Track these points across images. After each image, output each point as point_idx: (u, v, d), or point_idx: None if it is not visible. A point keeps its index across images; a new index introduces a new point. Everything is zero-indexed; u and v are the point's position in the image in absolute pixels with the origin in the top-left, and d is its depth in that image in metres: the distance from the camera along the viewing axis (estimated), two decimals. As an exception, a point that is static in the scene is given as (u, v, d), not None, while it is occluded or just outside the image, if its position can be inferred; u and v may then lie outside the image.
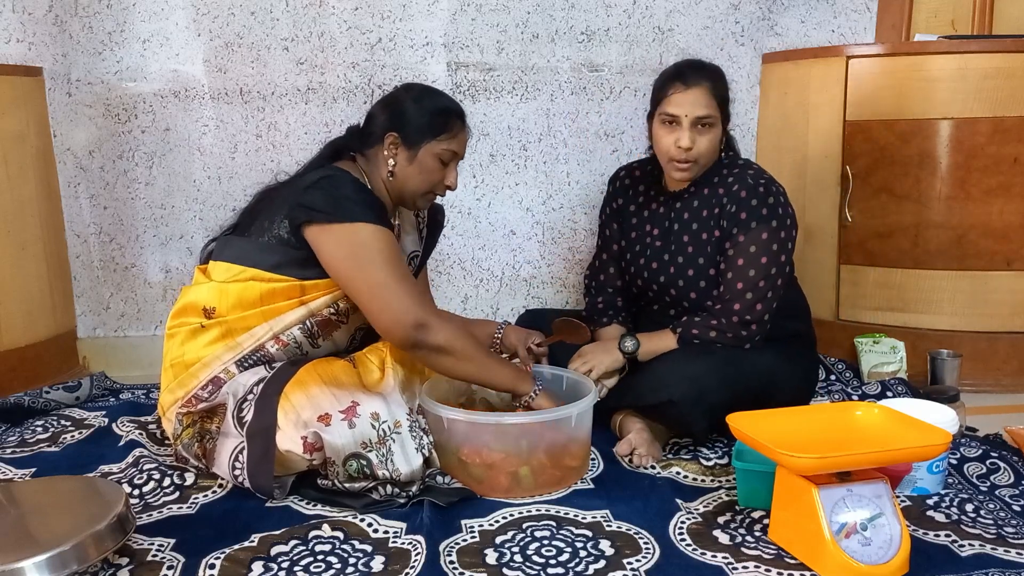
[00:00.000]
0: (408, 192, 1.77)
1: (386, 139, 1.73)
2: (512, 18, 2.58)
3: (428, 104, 1.75)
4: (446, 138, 1.74)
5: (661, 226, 1.98)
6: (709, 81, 1.83)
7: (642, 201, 2.04)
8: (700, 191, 1.92)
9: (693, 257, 1.91)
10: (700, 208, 1.91)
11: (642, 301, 2.07)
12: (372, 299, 1.62)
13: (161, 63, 2.51)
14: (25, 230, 2.37)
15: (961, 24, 2.63)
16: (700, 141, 1.82)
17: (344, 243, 1.62)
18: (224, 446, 1.63)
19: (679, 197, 1.95)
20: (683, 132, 1.81)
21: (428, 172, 1.74)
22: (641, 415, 1.85)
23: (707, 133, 1.83)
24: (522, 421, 1.62)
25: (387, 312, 1.61)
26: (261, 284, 1.67)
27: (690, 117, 1.81)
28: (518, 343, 1.91)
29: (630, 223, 2.05)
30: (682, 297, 1.94)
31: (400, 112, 1.74)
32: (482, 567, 1.36)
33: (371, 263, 1.61)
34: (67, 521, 1.31)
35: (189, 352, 1.69)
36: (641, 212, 2.03)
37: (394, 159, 1.74)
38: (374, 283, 1.61)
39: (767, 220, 1.82)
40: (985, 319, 2.34)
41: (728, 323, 1.83)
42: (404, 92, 1.80)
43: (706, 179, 1.91)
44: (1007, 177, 2.27)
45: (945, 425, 1.64)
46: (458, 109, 1.78)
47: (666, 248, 1.96)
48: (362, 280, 1.62)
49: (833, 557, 1.29)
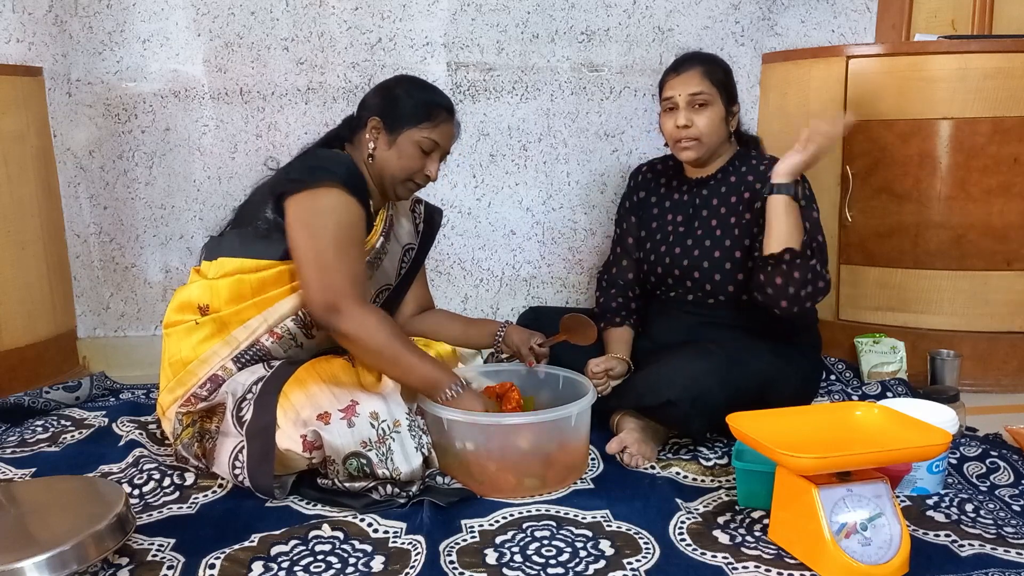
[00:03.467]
0: (387, 177, 1.77)
1: (369, 123, 1.75)
2: (512, 18, 2.58)
3: (417, 94, 1.76)
4: (428, 127, 1.74)
5: (685, 212, 2.02)
6: (701, 65, 1.93)
7: (664, 192, 2.09)
8: (727, 178, 1.97)
9: (720, 239, 1.93)
10: (728, 193, 1.95)
11: (658, 290, 2.07)
12: (305, 266, 1.60)
13: (161, 63, 2.51)
14: (25, 230, 2.37)
15: (961, 24, 2.63)
16: (697, 119, 1.90)
17: (304, 206, 1.61)
18: (224, 446, 1.63)
19: (704, 184, 1.99)
20: (680, 112, 1.91)
21: (407, 159, 1.75)
22: (640, 415, 1.85)
23: (704, 111, 1.90)
24: (522, 421, 1.62)
25: (312, 284, 1.59)
26: (251, 275, 1.68)
27: (684, 96, 1.90)
28: (520, 343, 1.91)
29: (651, 214, 2.08)
30: (704, 280, 1.95)
31: (388, 97, 1.76)
32: (482, 567, 1.36)
33: (320, 229, 1.59)
34: (67, 521, 1.31)
35: (186, 350, 1.69)
36: (663, 203, 2.07)
37: (374, 142, 1.75)
38: (313, 251, 1.59)
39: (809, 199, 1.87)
40: (985, 319, 2.34)
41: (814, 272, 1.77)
42: (397, 81, 1.83)
43: (732, 167, 1.97)
44: (1007, 177, 2.27)
45: (945, 425, 1.64)
46: (447, 103, 1.78)
47: (690, 233, 1.98)
48: (305, 245, 1.60)
49: (833, 557, 1.29)
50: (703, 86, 1.89)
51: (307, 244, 1.60)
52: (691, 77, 1.90)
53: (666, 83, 1.95)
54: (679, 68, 1.93)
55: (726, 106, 1.93)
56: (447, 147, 1.81)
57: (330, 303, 1.58)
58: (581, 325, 1.93)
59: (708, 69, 1.92)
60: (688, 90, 1.89)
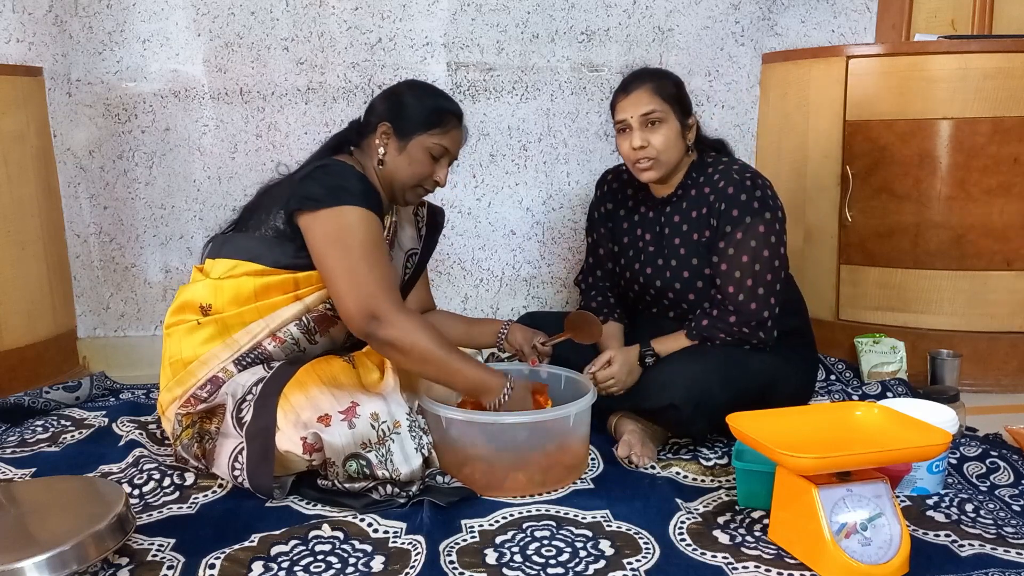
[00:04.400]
0: (397, 184, 1.77)
1: (379, 128, 1.74)
2: (512, 18, 2.58)
3: (427, 100, 1.76)
4: (438, 133, 1.74)
5: (652, 231, 1.98)
6: (650, 82, 1.86)
7: (631, 205, 2.04)
8: (687, 193, 1.92)
9: (686, 259, 1.91)
10: (689, 210, 1.91)
11: (639, 305, 2.07)
12: (338, 282, 1.59)
13: (161, 63, 2.51)
14: (25, 230, 2.37)
15: (961, 24, 2.63)
16: (652, 138, 1.84)
17: (328, 225, 1.61)
18: (224, 446, 1.63)
19: (667, 201, 1.95)
20: (634, 134, 1.85)
21: (417, 164, 1.74)
22: (639, 416, 1.85)
23: (658, 129, 1.84)
24: (521, 421, 1.62)
25: (348, 297, 1.58)
26: (255, 279, 1.67)
27: (636, 117, 1.84)
28: (523, 342, 1.91)
29: (621, 228, 2.05)
30: (680, 300, 1.94)
31: (397, 104, 1.75)
32: (482, 567, 1.36)
33: (347, 246, 1.59)
34: (67, 521, 1.31)
35: (186, 350, 1.69)
36: (632, 216, 2.04)
37: (384, 148, 1.75)
38: (344, 266, 1.59)
39: (760, 213, 1.82)
40: (985, 319, 2.34)
41: (742, 320, 1.82)
42: (406, 86, 1.81)
43: (692, 180, 1.92)
44: (1007, 177, 2.27)
45: (945, 425, 1.64)
46: (455, 108, 1.78)
47: (659, 252, 1.96)
48: (334, 261, 1.60)
49: (833, 557, 1.29)
50: (654, 103, 1.83)
51: (338, 262, 1.59)
52: (641, 96, 1.84)
53: (617, 105, 1.89)
54: (628, 88, 1.87)
55: (680, 120, 1.87)
56: (456, 152, 1.80)
57: (370, 311, 1.56)
58: (586, 323, 1.92)
59: (658, 85, 1.85)
60: (639, 111, 1.83)
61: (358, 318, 1.57)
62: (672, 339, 1.88)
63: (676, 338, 1.88)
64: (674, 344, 1.87)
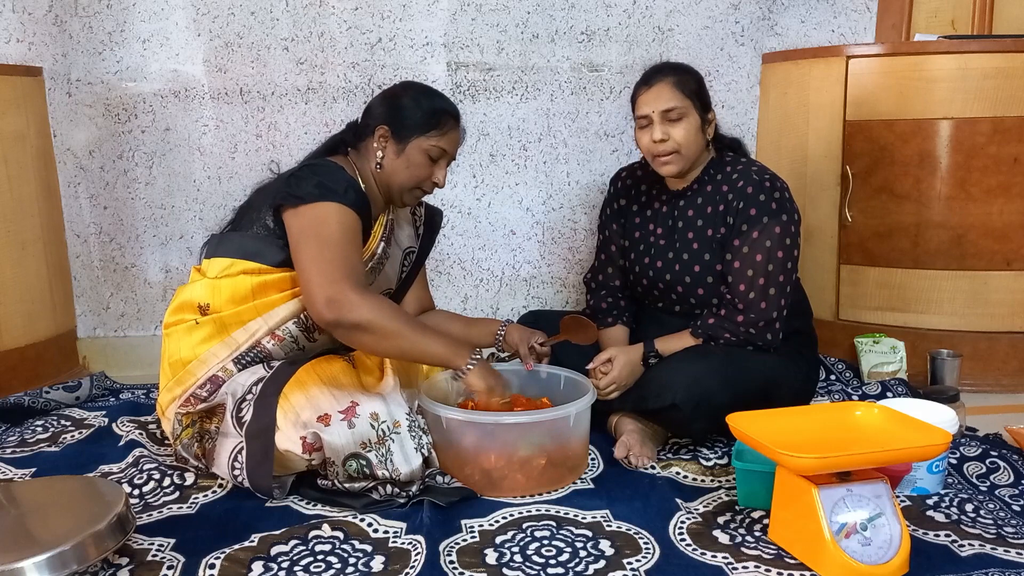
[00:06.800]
0: (395, 186, 1.77)
1: (377, 131, 1.74)
2: (512, 18, 2.58)
3: (424, 102, 1.75)
4: (436, 135, 1.74)
5: (664, 224, 1.98)
6: (672, 76, 1.86)
7: (645, 201, 2.04)
8: (703, 188, 1.92)
9: (698, 254, 1.91)
10: (704, 205, 1.92)
11: (646, 300, 2.07)
12: (306, 270, 1.58)
13: (161, 63, 2.51)
14: (25, 230, 2.37)
15: (961, 24, 2.63)
16: (673, 132, 1.84)
17: (305, 219, 1.60)
18: (223, 446, 1.63)
19: (682, 195, 1.95)
20: (655, 127, 1.85)
21: (415, 167, 1.74)
22: (639, 416, 1.85)
23: (679, 124, 1.84)
24: (521, 420, 1.62)
25: (312, 284, 1.56)
26: (252, 277, 1.67)
27: (657, 112, 1.84)
28: (520, 342, 1.91)
29: (633, 223, 2.05)
30: (688, 294, 1.94)
31: (395, 106, 1.75)
32: (482, 567, 1.36)
33: (319, 238, 1.58)
34: (67, 521, 1.31)
35: (185, 349, 1.69)
36: (644, 212, 2.04)
37: (382, 151, 1.75)
38: (310, 257, 1.58)
39: (777, 214, 1.83)
40: (985, 319, 2.34)
41: (750, 321, 1.82)
42: (403, 88, 1.81)
43: (709, 176, 1.92)
44: (1007, 177, 2.27)
45: (945, 425, 1.64)
46: (453, 110, 1.78)
47: (670, 246, 1.96)
48: (305, 253, 1.59)
49: (833, 557, 1.29)
50: (676, 99, 1.83)
51: (308, 250, 1.58)
52: (662, 90, 1.84)
53: (638, 98, 1.88)
54: (650, 81, 1.86)
55: (701, 115, 1.87)
56: (454, 153, 1.80)
57: (331, 297, 1.54)
58: (581, 325, 1.93)
59: (679, 80, 1.85)
60: (661, 105, 1.83)
61: (321, 304, 1.55)
62: (676, 338, 1.88)
63: (680, 337, 1.88)
64: (678, 343, 1.87)
